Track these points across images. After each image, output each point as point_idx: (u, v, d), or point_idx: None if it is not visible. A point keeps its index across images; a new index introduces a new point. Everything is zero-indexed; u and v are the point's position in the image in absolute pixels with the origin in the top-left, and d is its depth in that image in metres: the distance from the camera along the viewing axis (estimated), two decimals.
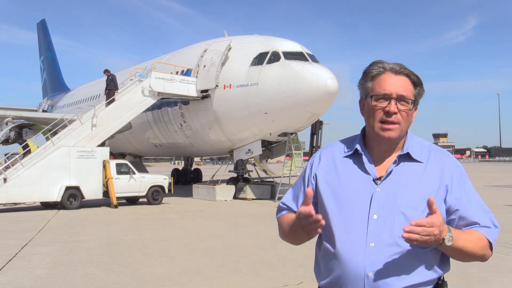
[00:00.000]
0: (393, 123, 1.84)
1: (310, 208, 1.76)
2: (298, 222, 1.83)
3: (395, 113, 1.84)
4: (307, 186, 2.03)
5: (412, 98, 1.88)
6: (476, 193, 1.93)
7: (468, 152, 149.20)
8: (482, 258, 1.87)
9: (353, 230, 1.83)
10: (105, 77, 20.26)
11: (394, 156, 1.92)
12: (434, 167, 1.89)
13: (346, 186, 1.91)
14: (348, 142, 2.04)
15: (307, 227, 1.80)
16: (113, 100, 18.38)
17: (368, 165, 1.92)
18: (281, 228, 2.09)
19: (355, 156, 1.96)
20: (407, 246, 1.78)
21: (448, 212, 1.87)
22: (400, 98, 1.85)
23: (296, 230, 1.87)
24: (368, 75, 1.93)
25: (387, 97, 1.85)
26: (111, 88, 19.31)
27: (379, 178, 1.88)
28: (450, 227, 1.77)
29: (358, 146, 1.96)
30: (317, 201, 2.00)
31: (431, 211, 1.67)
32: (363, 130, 2.01)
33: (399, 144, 1.94)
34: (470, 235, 1.82)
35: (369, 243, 1.80)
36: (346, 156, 1.98)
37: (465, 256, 1.83)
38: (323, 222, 1.76)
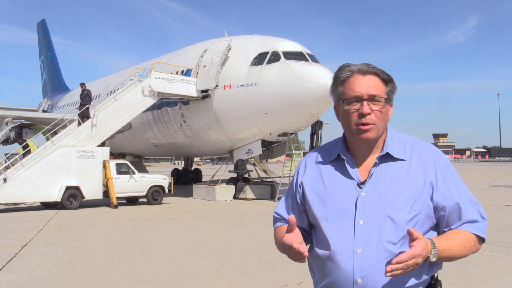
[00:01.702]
0: (368, 124, 1.83)
1: (293, 238, 1.80)
2: (283, 250, 1.86)
3: (369, 113, 1.83)
4: (295, 194, 2.06)
5: (384, 96, 1.86)
6: (463, 185, 1.92)
7: (468, 152, 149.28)
8: (472, 254, 1.90)
9: (341, 236, 1.83)
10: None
11: (375, 158, 1.90)
12: (417, 164, 1.87)
13: (332, 192, 1.91)
14: (330, 147, 2.03)
15: (291, 256, 1.84)
16: (86, 114, 17.92)
17: (351, 170, 1.91)
18: (276, 241, 2.09)
19: (338, 162, 1.96)
20: (395, 251, 1.77)
21: (436, 209, 1.86)
22: (372, 98, 1.84)
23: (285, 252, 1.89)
24: (338, 80, 1.92)
25: (359, 99, 1.84)
26: (86, 102, 18.69)
27: (363, 182, 1.87)
28: (434, 240, 1.77)
29: (339, 152, 1.96)
30: (306, 209, 2.00)
31: (411, 239, 1.68)
32: (344, 135, 2.00)
33: (379, 144, 1.92)
34: (456, 240, 1.82)
35: (356, 249, 1.79)
36: (330, 162, 1.98)
37: (454, 259, 1.85)
38: (306, 253, 1.79)
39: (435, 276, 1.90)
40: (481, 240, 1.88)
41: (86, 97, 18.94)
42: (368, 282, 1.77)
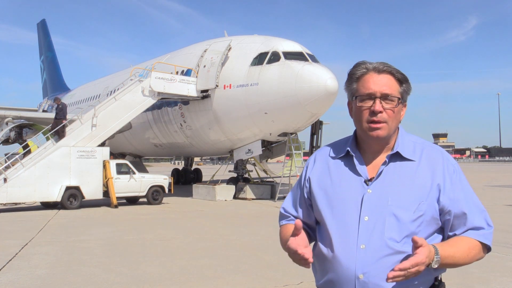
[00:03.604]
0: (379, 122, 1.84)
1: (299, 242, 1.79)
2: (288, 253, 1.85)
3: (381, 112, 1.83)
4: (302, 189, 2.06)
5: (398, 96, 1.86)
6: (471, 191, 1.91)
7: (468, 152, 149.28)
8: (476, 261, 1.88)
9: (345, 232, 1.84)
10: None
11: (385, 157, 1.91)
12: (426, 166, 1.88)
13: (339, 188, 1.91)
14: (341, 144, 2.04)
15: (296, 261, 1.83)
16: (62, 130, 17.23)
17: (359, 167, 1.91)
18: (281, 240, 2.08)
19: (347, 158, 1.96)
20: (398, 248, 1.77)
21: (442, 212, 1.85)
22: (385, 97, 1.84)
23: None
24: (353, 77, 1.92)
25: (371, 97, 1.85)
26: (60, 117, 18.01)
27: (371, 179, 1.88)
28: (437, 246, 1.75)
29: (349, 148, 1.96)
30: (311, 204, 2.01)
31: (415, 246, 1.66)
32: (355, 132, 2.01)
33: (390, 143, 1.93)
34: (460, 247, 1.81)
35: (359, 245, 1.80)
36: (339, 158, 1.98)
37: (456, 266, 1.83)
38: (311, 260, 1.78)
39: (439, 278, 1.89)
40: (486, 248, 1.87)
41: (60, 112, 18.24)
42: (369, 278, 1.76)
